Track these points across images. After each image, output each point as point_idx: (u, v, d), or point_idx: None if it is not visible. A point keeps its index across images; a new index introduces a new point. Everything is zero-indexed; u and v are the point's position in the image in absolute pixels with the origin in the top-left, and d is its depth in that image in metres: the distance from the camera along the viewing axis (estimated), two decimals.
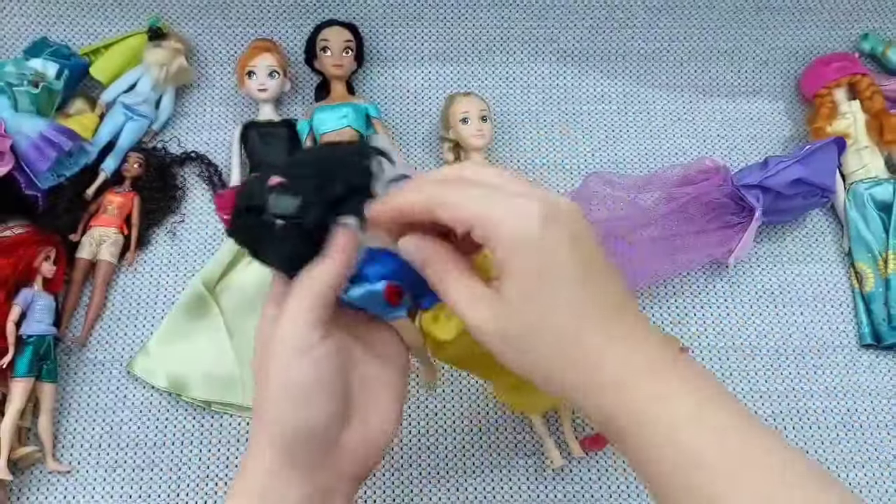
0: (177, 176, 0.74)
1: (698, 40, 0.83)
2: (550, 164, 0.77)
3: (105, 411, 0.65)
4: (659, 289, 0.72)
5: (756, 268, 0.74)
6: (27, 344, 0.63)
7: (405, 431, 0.65)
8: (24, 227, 0.67)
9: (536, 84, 0.80)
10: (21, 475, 0.62)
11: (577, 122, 0.79)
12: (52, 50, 0.73)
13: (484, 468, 0.64)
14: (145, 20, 0.78)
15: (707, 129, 0.80)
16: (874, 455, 0.67)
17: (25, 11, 0.80)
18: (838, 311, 0.72)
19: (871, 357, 0.71)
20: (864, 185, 0.73)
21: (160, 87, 0.75)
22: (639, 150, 0.78)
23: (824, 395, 0.69)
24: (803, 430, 0.67)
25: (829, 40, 0.84)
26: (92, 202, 0.71)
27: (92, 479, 0.63)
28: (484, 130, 0.72)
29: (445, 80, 0.80)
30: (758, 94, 0.81)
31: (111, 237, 0.70)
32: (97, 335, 0.68)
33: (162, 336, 0.66)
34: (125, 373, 0.66)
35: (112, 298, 0.69)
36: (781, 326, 0.71)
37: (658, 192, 0.72)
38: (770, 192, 0.69)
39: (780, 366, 0.70)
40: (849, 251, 0.74)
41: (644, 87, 0.81)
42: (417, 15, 0.82)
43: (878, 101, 0.75)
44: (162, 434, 0.64)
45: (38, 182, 0.66)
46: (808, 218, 0.76)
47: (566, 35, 0.83)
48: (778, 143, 0.79)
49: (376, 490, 0.63)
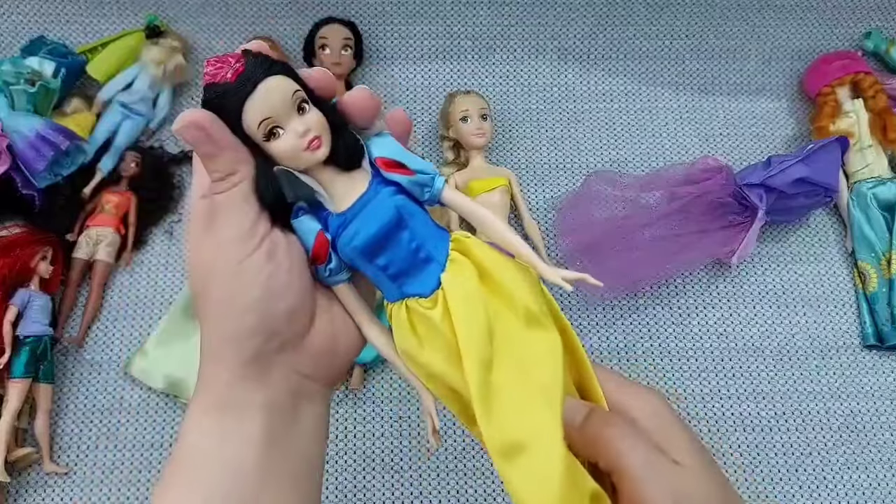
0: (174, 175, 0.74)
1: (700, 38, 0.83)
2: (551, 164, 0.76)
3: (102, 412, 0.65)
4: (661, 288, 0.72)
5: (759, 268, 0.73)
6: (24, 344, 0.63)
7: (405, 433, 0.65)
8: (20, 227, 0.67)
9: (537, 82, 0.80)
10: (18, 477, 0.62)
11: (578, 120, 0.78)
12: (49, 48, 0.73)
13: (484, 469, 0.64)
14: (143, 18, 0.77)
15: (709, 127, 0.79)
16: (877, 456, 0.66)
17: (22, 10, 0.79)
18: (841, 311, 0.72)
19: (874, 358, 0.70)
20: (867, 185, 0.73)
21: (157, 86, 0.75)
22: (641, 149, 0.78)
23: (827, 396, 0.68)
24: (806, 432, 0.67)
25: (832, 38, 0.83)
26: (89, 202, 0.71)
27: (89, 480, 0.63)
28: (484, 129, 0.71)
29: (445, 79, 0.79)
30: (761, 93, 0.81)
31: (108, 237, 0.69)
32: (94, 335, 0.67)
33: (159, 337, 0.66)
34: (122, 374, 0.66)
35: (109, 298, 0.69)
36: (784, 327, 0.71)
37: (660, 191, 0.71)
38: (773, 192, 0.69)
39: (782, 366, 0.69)
40: (852, 251, 0.73)
41: (646, 85, 0.81)
42: (417, 12, 0.82)
43: (882, 99, 0.74)
44: (160, 435, 0.64)
45: (35, 181, 0.66)
46: (811, 218, 0.75)
47: (567, 33, 0.82)
48: (781, 141, 0.79)
49: (376, 490, 0.63)
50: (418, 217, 0.32)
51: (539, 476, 0.29)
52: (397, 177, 0.32)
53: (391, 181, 0.32)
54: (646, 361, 0.69)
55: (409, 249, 0.32)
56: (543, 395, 0.30)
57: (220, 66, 0.30)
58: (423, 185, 0.32)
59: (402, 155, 0.32)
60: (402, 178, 0.32)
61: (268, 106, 0.30)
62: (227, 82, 0.30)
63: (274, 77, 0.30)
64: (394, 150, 0.33)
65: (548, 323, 0.32)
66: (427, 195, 0.33)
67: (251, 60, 0.30)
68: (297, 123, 0.31)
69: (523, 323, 0.31)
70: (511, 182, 0.71)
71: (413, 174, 0.32)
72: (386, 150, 0.32)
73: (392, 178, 0.32)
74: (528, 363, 0.31)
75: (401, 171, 0.32)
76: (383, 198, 0.32)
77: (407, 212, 0.32)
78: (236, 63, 0.30)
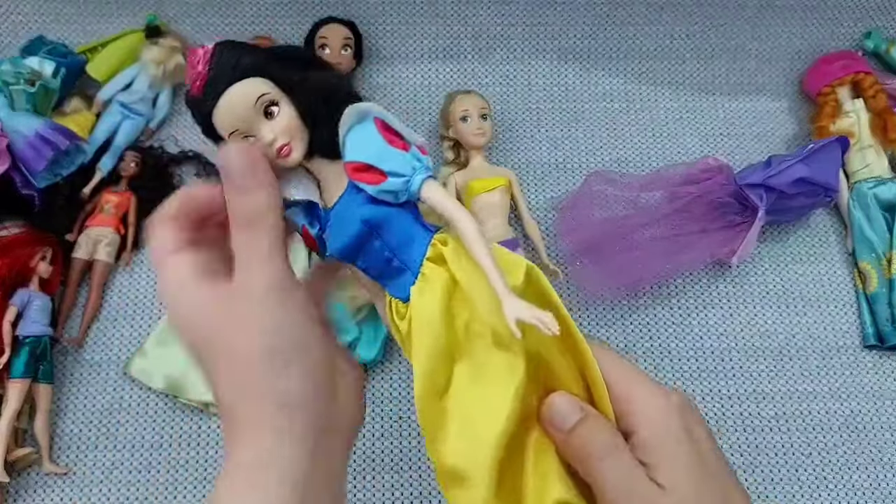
0: (174, 175, 0.73)
1: (700, 38, 0.83)
2: (551, 163, 0.76)
3: (102, 413, 0.65)
4: (661, 289, 0.72)
5: (759, 268, 0.73)
6: (24, 345, 0.63)
7: (405, 433, 0.65)
8: (20, 227, 0.67)
9: (537, 82, 0.80)
10: (18, 477, 0.62)
11: (578, 120, 0.78)
12: (49, 48, 0.73)
13: None
14: (143, 18, 0.77)
15: (710, 127, 0.79)
16: (877, 457, 0.66)
17: (22, 9, 0.79)
18: (842, 311, 0.72)
19: (874, 358, 0.70)
20: (867, 185, 0.73)
21: (157, 86, 0.75)
22: (641, 148, 0.77)
23: (828, 396, 0.68)
24: (807, 433, 0.67)
25: (833, 38, 0.83)
26: (88, 201, 0.70)
27: (89, 480, 0.62)
28: (484, 129, 0.71)
29: (445, 78, 0.79)
30: (761, 93, 0.81)
31: (108, 237, 0.69)
32: (94, 336, 0.67)
33: (159, 337, 0.66)
34: (122, 374, 0.66)
35: (109, 299, 0.69)
36: (784, 327, 0.71)
37: (660, 191, 0.71)
38: (773, 192, 0.69)
39: (783, 367, 0.69)
40: (852, 251, 0.73)
41: (646, 85, 0.80)
42: (417, 12, 0.82)
43: (882, 99, 0.74)
44: (159, 436, 0.64)
45: (35, 181, 0.65)
46: (811, 218, 0.75)
47: (568, 33, 0.82)
48: (781, 141, 0.79)
49: (376, 490, 0.63)
50: (393, 222, 0.30)
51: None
52: (364, 185, 0.30)
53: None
54: (646, 361, 0.69)
55: (382, 258, 0.31)
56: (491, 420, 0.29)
57: (192, 69, 0.29)
58: (395, 192, 0.30)
59: (378, 154, 0.29)
60: (370, 187, 0.30)
61: (232, 118, 0.29)
62: (195, 95, 0.29)
63: (238, 84, 0.29)
64: (367, 149, 0.30)
65: (515, 347, 0.30)
66: (404, 198, 0.30)
67: (217, 60, 0.29)
68: (266, 130, 0.29)
69: (488, 341, 0.30)
70: (511, 182, 0.71)
71: (384, 179, 0.29)
72: (359, 150, 0.30)
73: (360, 186, 0.30)
74: (485, 386, 0.30)
75: (370, 178, 0.29)
76: (353, 208, 0.30)
77: (376, 222, 0.30)
78: (203, 67, 0.29)
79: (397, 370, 0.67)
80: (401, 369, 0.67)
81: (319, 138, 0.30)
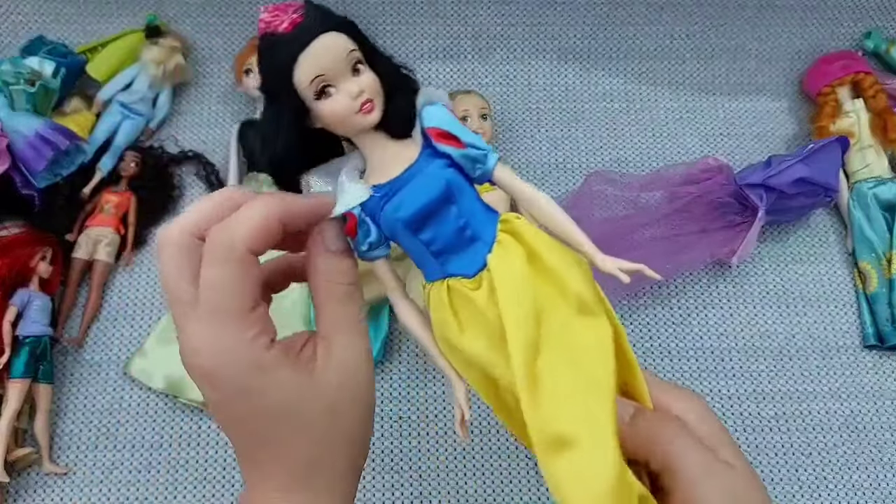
0: (174, 175, 0.73)
1: (700, 38, 0.83)
2: (551, 163, 0.76)
3: (102, 413, 0.65)
4: (661, 289, 0.72)
5: (759, 268, 0.73)
6: (23, 345, 0.63)
7: (405, 433, 0.65)
8: (20, 227, 0.67)
9: (537, 82, 0.80)
10: (18, 477, 0.62)
11: (578, 120, 0.78)
12: (49, 48, 0.73)
13: (484, 469, 0.64)
14: (143, 18, 0.77)
15: (710, 127, 0.79)
16: (877, 457, 0.66)
17: (22, 9, 0.79)
18: (842, 311, 0.72)
19: (874, 358, 0.70)
20: (867, 185, 0.73)
21: (157, 86, 0.75)
22: (641, 148, 0.77)
23: (828, 396, 0.68)
24: (807, 433, 0.67)
25: (832, 38, 0.83)
26: (88, 201, 0.70)
27: (89, 480, 0.62)
28: (484, 129, 0.71)
29: (445, 78, 0.79)
30: (761, 93, 0.81)
31: (108, 237, 0.69)
32: (94, 336, 0.67)
33: (159, 337, 0.66)
34: (122, 374, 0.66)
35: (109, 299, 0.69)
36: (785, 327, 0.71)
37: (661, 191, 0.71)
38: (773, 192, 0.69)
39: (783, 367, 0.69)
40: (852, 251, 0.73)
41: (646, 85, 0.80)
42: (417, 12, 0.82)
43: (882, 99, 0.74)
44: (159, 436, 0.64)
45: (35, 181, 0.66)
46: (811, 218, 0.75)
47: (568, 33, 0.82)
48: (781, 141, 0.79)
49: (376, 490, 0.63)
50: (467, 193, 0.31)
51: (589, 473, 0.27)
52: (449, 149, 0.30)
53: (442, 153, 0.30)
54: (646, 361, 0.69)
55: (456, 226, 0.30)
56: (595, 387, 0.28)
57: (277, 15, 0.29)
58: (474, 161, 0.31)
59: (455, 126, 0.31)
60: (454, 150, 0.30)
61: (322, 62, 0.29)
62: (282, 32, 0.29)
63: (331, 33, 0.29)
64: (446, 120, 0.31)
65: (600, 312, 0.30)
66: (479, 171, 0.31)
67: (311, 11, 0.29)
68: (351, 84, 0.29)
69: (574, 310, 0.30)
70: None
71: (465, 147, 0.31)
72: (438, 120, 0.31)
73: (444, 149, 0.30)
74: (579, 352, 0.29)
75: (453, 143, 0.30)
76: (433, 170, 0.30)
77: (456, 186, 0.30)
78: (294, 13, 0.29)
79: (397, 370, 0.67)
80: (401, 369, 0.67)
81: (395, 109, 0.31)
